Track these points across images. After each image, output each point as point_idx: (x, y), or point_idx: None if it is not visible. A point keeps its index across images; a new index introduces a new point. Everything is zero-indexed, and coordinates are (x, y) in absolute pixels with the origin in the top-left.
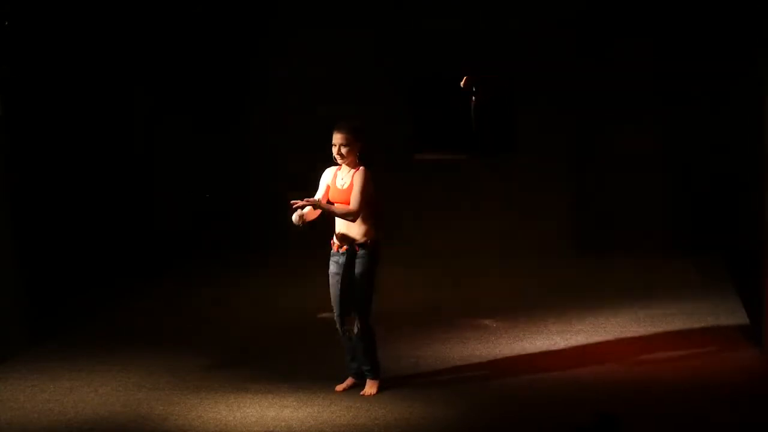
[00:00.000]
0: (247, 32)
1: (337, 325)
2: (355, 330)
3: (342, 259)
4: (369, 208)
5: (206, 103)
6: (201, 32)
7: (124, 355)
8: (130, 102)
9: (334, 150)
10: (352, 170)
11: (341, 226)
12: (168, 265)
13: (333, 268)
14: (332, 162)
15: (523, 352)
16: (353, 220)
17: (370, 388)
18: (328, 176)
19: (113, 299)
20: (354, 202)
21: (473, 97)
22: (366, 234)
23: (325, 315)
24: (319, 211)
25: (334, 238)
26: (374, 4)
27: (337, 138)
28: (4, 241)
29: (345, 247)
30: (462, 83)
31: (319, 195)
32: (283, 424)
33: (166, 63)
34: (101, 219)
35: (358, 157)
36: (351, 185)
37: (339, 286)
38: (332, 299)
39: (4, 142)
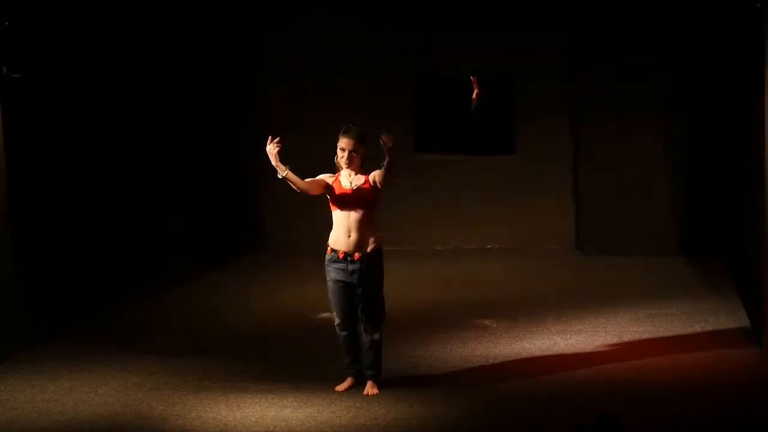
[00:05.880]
0: (247, 28)
1: (338, 330)
2: (372, 340)
3: (351, 267)
4: (378, 213)
5: (205, 100)
6: (202, 24)
7: (124, 355)
8: (130, 98)
9: (343, 155)
10: (360, 174)
11: (353, 232)
12: (168, 265)
13: (335, 275)
14: (329, 168)
15: (523, 353)
16: (394, 179)
17: (371, 388)
18: (327, 177)
19: (113, 299)
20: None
21: (473, 97)
22: (376, 240)
23: (324, 315)
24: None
25: (334, 243)
26: (375, 4)
27: (346, 143)
28: (3, 241)
29: (358, 255)
30: (474, 86)
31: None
32: (283, 424)
33: (165, 57)
34: (101, 218)
35: (361, 163)
36: (366, 184)
37: (345, 293)
38: (335, 305)
39: (3, 141)
